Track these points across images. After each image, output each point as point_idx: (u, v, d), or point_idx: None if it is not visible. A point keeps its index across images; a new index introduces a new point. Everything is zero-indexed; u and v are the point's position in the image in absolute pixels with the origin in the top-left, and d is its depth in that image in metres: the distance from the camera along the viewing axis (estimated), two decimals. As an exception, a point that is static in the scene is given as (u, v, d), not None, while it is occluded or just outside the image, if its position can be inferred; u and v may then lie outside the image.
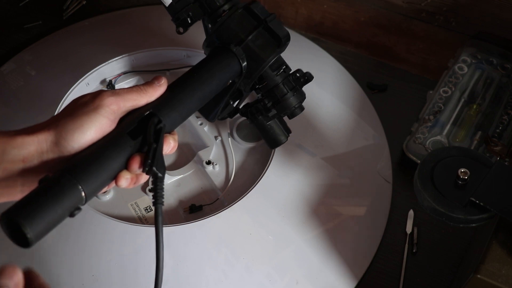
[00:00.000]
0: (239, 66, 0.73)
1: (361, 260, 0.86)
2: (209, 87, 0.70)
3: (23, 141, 0.58)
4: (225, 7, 0.75)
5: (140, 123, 0.62)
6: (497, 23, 0.99)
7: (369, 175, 0.93)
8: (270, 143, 0.80)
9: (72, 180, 0.56)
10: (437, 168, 0.70)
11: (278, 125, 0.79)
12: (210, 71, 0.71)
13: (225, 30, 0.74)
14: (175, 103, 0.66)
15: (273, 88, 0.76)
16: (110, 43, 1.03)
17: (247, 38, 0.73)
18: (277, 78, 0.76)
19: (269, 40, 0.74)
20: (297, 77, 0.77)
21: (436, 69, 1.07)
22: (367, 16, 1.07)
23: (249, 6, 0.75)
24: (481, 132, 0.94)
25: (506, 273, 0.66)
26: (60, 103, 0.93)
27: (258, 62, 0.74)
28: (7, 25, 1.13)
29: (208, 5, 0.76)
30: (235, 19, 0.74)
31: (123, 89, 0.64)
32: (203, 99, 0.70)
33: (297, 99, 0.77)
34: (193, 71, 0.71)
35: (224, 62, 0.73)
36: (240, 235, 0.83)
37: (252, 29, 0.74)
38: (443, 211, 0.67)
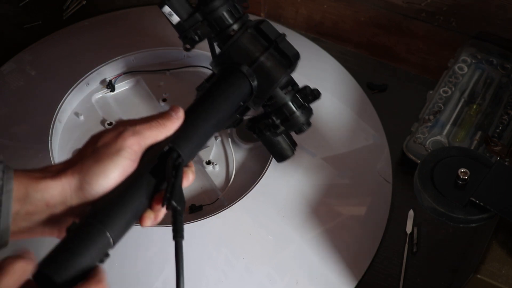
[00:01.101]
0: (250, 87, 0.73)
1: (361, 260, 0.86)
2: (223, 113, 0.70)
3: (47, 185, 0.58)
4: (234, 27, 0.74)
5: (160, 159, 0.62)
6: (497, 23, 0.99)
7: (369, 175, 0.93)
8: (277, 158, 0.80)
9: (101, 227, 0.56)
10: (437, 168, 0.70)
11: (285, 140, 0.79)
12: (222, 95, 0.70)
13: (236, 51, 0.73)
14: (191, 134, 0.65)
15: (281, 106, 0.75)
16: (110, 43, 1.04)
17: (258, 59, 0.72)
18: (286, 96, 0.75)
19: (279, 61, 0.74)
20: (305, 94, 0.76)
21: (436, 69, 1.07)
22: (367, 16, 1.07)
23: (259, 26, 0.74)
24: (481, 132, 0.94)
25: (506, 273, 0.66)
26: (60, 103, 0.93)
27: (269, 83, 0.74)
28: (7, 25, 1.13)
29: (217, 24, 0.74)
30: (245, 39, 0.73)
31: (143, 126, 0.62)
32: (218, 126, 0.70)
33: (305, 116, 0.77)
34: (206, 96, 0.70)
35: (236, 84, 0.72)
36: (240, 235, 0.83)
37: (263, 50, 0.73)
38: (443, 211, 0.67)
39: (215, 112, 0.68)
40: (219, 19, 0.74)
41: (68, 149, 0.92)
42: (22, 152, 0.90)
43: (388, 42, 1.09)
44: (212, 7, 0.74)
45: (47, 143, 0.89)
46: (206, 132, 0.67)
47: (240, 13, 0.76)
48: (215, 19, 0.74)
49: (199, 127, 0.66)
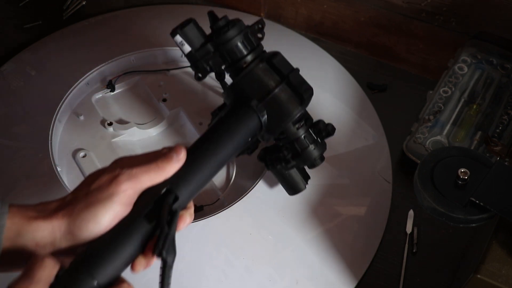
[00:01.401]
0: (259, 123, 0.71)
1: (361, 260, 0.86)
2: (228, 151, 0.67)
3: (38, 226, 0.57)
4: (247, 59, 0.73)
5: (156, 203, 0.60)
6: (497, 23, 0.99)
7: (369, 175, 0.93)
8: (288, 191, 0.79)
9: (89, 278, 0.55)
10: (437, 168, 0.70)
11: (297, 173, 0.78)
12: (229, 133, 0.68)
13: (247, 84, 0.72)
14: (192, 176, 0.63)
15: (293, 141, 0.74)
16: (110, 43, 1.04)
17: (269, 93, 0.71)
18: (299, 132, 0.74)
19: (291, 97, 0.72)
20: (319, 130, 0.75)
21: (436, 69, 1.07)
22: (367, 16, 1.07)
23: (272, 60, 0.72)
24: (481, 132, 0.94)
25: (506, 273, 0.66)
26: (60, 103, 0.93)
27: (280, 119, 0.72)
28: (7, 25, 1.13)
29: (230, 56, 0.73)
30: (257, 73, 0.72)
31: (140, 168, 0.61)
32: (223, 163, 0.68)
33: (319, 151, 0.75)
34: (211, 133, 0.68)
35: (244, 120, 0.70)
36: (240, 235, 0.83)
37: (275, 85, 0.71)
38: (443, 211, 0.67)
39: (219, 152, 0.66)
40: (231, 51, 0.73)
41: (68, 149, 0.92)
42: (22, 152, 0.90)
43: (388, 42, 1.09)
44: (225, 38, 0.72)
45: (47, 143, 0.89)
46: (208, 173, 0.65)
47: (254, 44, 0.74)
48: (228, 51, 0.73)
49: (201, 168, 0.64)
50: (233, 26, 0.73)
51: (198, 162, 0.64)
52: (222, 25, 0.74)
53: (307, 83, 0.75)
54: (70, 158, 0.91)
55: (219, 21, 0.74)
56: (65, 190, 0.84)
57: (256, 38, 0.75)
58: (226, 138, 0.67)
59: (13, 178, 0.87)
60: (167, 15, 1.12)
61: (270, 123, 0.72)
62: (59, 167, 0.88)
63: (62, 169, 0.89)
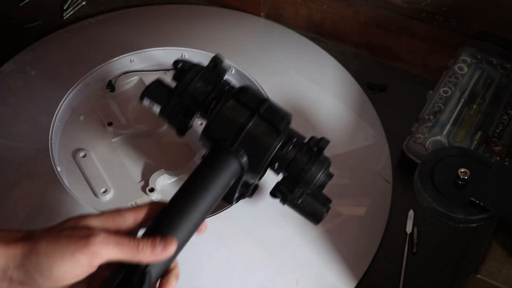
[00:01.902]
0: (239, 164, 0.67)
1: (361, 260, 0.86)
2: (207, 205, 0.64)
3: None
4: (211, 99, 0.70)
5: (126, 273, 0.57)
6: (497, 23, 0.99)
7: (369, 175, 0.93)
8: (311, 220, 0.74)
9: None
10: (437, 168, 0.70)
11: (311, 199, 0.73)
12: (205, 183, 0.65)
13: (218, 126, 0.68)
14: (173, 232, 0.60)
15: (288, 166, 0.70)
16: (110, 43, 1.04)
17: (242, 131, 0.67)
18: (289, 155, 0.70)
19: (266, 129, 0.68)
20: (309, 147, 0.71)
21: (436, 69, 1.07)
22: (367, 16, 1.07)
23: (239, 96, 0.69)
24: (481, 132, 0.94)
25: (506, 273, 0.66)
26: (60, 103, 0.93)
27: (260, 156, 0.68)
28: (7, 25, 1.13)
29: (194, 101, 0.71)
30: (226, 112, 0.68)
31: (118, 240, 0.57)
32: (203, 218, 0.65)
33: (319, 169, 0.70)
34: (188, 188, 0.65)
35: (221, 166, 0.66)
36: (240, 235, 0.83)
37: (246, 122, 0.68)
38: (443, 211, 0.67)
39: (198, 206, 0.63)
40: (193, 96, 0.71)
41: (68, 149, 0.92)
42: (22, 152, 0.90)
43: (388, 42, 1.09)
44: (182, 85, 0.71)
45: (47, 143, 0.89)
46: (187, 232, 0.62)
47: (214, 83, 0.72)
48: (191, 97, 0.71)
49: (179, 229, 0.61)
50: (189, 71, 0.72)
51: (175, 224, 0.61)
52: (177, 73, 0.73)
53: (282, 111, 0.70)
54: (70, 158, 0.91)
55: (176, 70, 0.73)
56: (65, 190, 0.84)
57: (217, 76, 0.73)
58: (203, 192, 0.64)
59: (13, 178, 0.87)
60: (167, 15, 1.12)
61: (251, 162, 0.68)
62: (59, 167, 0.88)
63: (62, 169, 0.89)
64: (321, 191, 0.74)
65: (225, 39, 1.05)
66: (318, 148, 0.71)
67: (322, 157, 0.72)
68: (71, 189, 0.86)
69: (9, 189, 0.86)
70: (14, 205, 0.85)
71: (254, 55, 1.03)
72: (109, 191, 0.88)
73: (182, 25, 1.08)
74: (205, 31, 1.07)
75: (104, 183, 0.88)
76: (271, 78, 0.99)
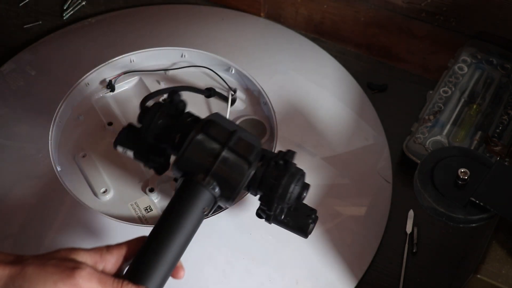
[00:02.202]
0: (211, 196, 0.68)
1: (361, 260, 0.86)
2: (183, 237, 0.66)
3: None
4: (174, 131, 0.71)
5: None
6: (497, 23, 0.99)
7: (369, 175, 0.93)
8: (299, 234, 0.74)
9: None
10: (437, 168, 0.70)
11: (294, 213, 0.73)
12: (180, 218, 0.66)
13: (188, 162, 0.68)
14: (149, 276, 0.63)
15: (260, 185, 0.70)
16: (110, 43, 1.04)
17: (213, 166, 0.67)
18: (258, 175, 0.70)
19: (237, 162, 0.68)
20: (276, 162, 0.70)
21: (436, 69, 1.06)
22: (367, 16, 1.07)
23: (208, 130, 0.69)
24: (481, 132, 0.94)
25: (506, 273, 0.66)
26: (60, 103, 0.93)
27: (232, 187, 0.68)
28: (7, 25, 1.13)
29: (160, 139, 0.72)
30: (195, 147, 0.68)
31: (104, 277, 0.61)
32: (183, 248, 0.67)
33: (290, 181, 0.69)
34: (163, 224, 0.67)
35: (194, 200, 0.67)
36: (240, 235, 0.83)
37: (216, 156, 0.68)
38: (443, 211, 0.67)
39: (173, 246, 0.65)
40: (159, 134, 0.72)
41: (68, 149, 0.92)
42: (22, 152, 0.90)
43: (388, 42, 1.09)
44: (145, 124, 0.72)
45: (47, 143, 0.89)
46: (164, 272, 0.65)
47: (178, 112, 0.73)
48: (156, 136, 0.72)
49: (155, 270, 0.64)
50: (149, 110, 0.73)
51: (151, 268, 0.64)
52: (140, 114, 0.74)
53: (252, 140, 0.70)
54: (70, 158, 0.91)
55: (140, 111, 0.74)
56: (65, 190, 0.84)
57: (176, 110, 0.74)
58: (178, 230, 0.66)
59: (13, 178, 0.87)
60: (167, 15, 1.12)
61: (224, 192, 0.69)
62: (59, 167, 0.88)
63: (62, 169, 0.89)
64: (303, 203, 0.73)
65: (225, 39, 1.05)
66: (284, 161, 0.70)
67: (293, 169, 0.70)
68: (71, 189, 0.86)
69: (9, 189, 0.86)
70: (14, 205, 0.85)
71: (254, 55, 1.03)
72: (109, 191, 0.88)
73: (182, 25, 1.08)
74: (205, 31, 1.07)
75: (104, 183, 0.88)
76: (271, 78, 0.99)
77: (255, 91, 0.99)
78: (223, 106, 0.97)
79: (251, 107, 0.99)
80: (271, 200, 0.70)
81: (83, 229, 0.82)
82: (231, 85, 0.99)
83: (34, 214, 0.84)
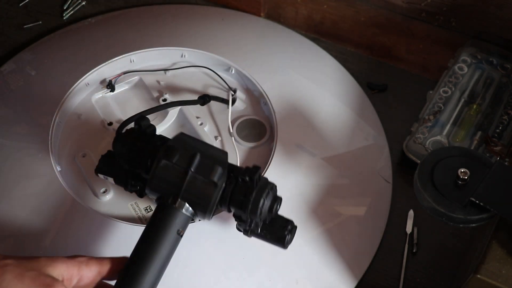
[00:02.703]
0: (186, 215, 0.71)
1: (361, 260, 0.86)
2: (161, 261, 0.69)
3: None
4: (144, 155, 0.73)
5: None
6: (497, 23, 0.99)
7: (369, 175, 0.93)
8: (278, 245, 0.76)
9: None
10: (437, 168, 0.70)
11: (269, 226, 0.75)
12: (156, 243, 0.69)
13: (156, 187, 0.71)
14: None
15: (230, 203, 0.72)
16: (110, 43, 1.04)
17: (180, 190, 0.70)
18: (226, 192, 0.72)
19: (203, 184, 0.70)
20: (242, 179, 0.72)
21: (436, 69, 1.07)
22: (367, 16, 1.07)
23: (168, 156, 0.70)
24: (481, 132, 0.94)
25: (506, 273, 0.66)
26: (60, 103, 0.93)
27: (204, 206, 0.71)
28: (7, 25, 1.13)
29: (133, 166, 0.74)
30: (159, 174, 0.70)
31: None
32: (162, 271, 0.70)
33: (259, 197, 0.71)
34: (140, 249, 0.70)
35: (169, 223, 0.70)
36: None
37: (181, 181, 0.70)
38: (443, 211, 0.67)
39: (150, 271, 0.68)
40: (129, 159, 0.74)
41: (68, 149, 0.92)
42: (22, 152, 0.90)
43: (388, 42, 1.09)
44: (117, 151, 0.74)
45: (47, 143, 0.89)
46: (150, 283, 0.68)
47: (147, 137, 0.75)
48: (127, 161, 0.74)
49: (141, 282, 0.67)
50: (119, 138, 0.76)
51: (135, 278, 0.67)
52: (113, 142, 0.76)
53: (215, 160, 0.71)
54: (70, 158, 0.91)
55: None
56: (65, 190, 0.84)
57: (144, 134, 0.76)
58: (154, 256, 0.69)
59: (13, 178, 0.87)
60: (167, 15, 1.12)
61: (198, 211, 0.72)
62: (59, 167, 0.88)
63: (62, 169, 0.89)
64: (278, 215, 0.75)
65: (225, 39, 1.05)
66: (249, 178, 0.71)
67: (262, 183, 0.72)
68: (71, 189, 0.86)
69: (9, 189, 0.86)
70: (14, 205, 0.85)
71: (254, 55, 1.03)
72: (109, 191, 0.88)
73: (182, 25, 1.08)
74: (205, 31, 1.07)
75: (104, 183, 0.88)
76: (271, 78, 0.99)
77: (255, 91, 0.99)
78: (223, 107, 0.97)
79: (251, 107, 0.99)
80: (243, 216, 0.73)
81: (83, 229, 0.82)
82: (231, 85, 0.99)
83: (34, 214, 0.83)
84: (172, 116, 0.96)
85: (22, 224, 0.83)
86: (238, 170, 0.74)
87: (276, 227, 0.75)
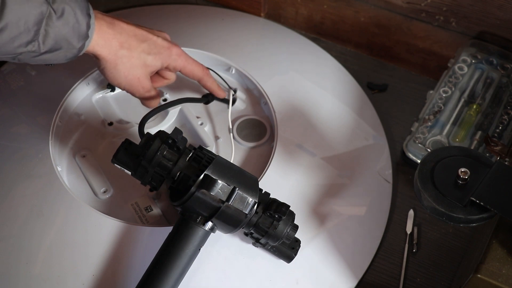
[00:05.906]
0: (209, 232, 0.76)
1: (361, 260, 0.86)
2: (178, 270, 0.74)
3: None
4: (176, 169, 0.75)
5: None
6: (497, 23, 0.99)
7: (369, 175, 0.93)
8: (285, 260, 0.81)
9: None
10: (437, 168, 0.70)
11: (281, 246, 0.79)
12: (179, 256, 0.74)
13: (191, 209, 0.75)
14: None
15: (253, 227, 0.77)
16: (110, 43, 1.03)
17: (212, 217, 0.74)
18: (253, 220, 0.76)
19: (235, 213, 0.74)
20: (270, 214, 0.76)
21: (436, 69, 1.07)
22: (367, 16, 1.07)
23: (207, 187, 0.73)
24: (481, 132, 0.94)
25: (506, 272, 0.66)
26: (60, 103, 0.93)
27: (228, 230, 0.77)
28: (7, 25, 1.12)
29: (162, 169, 0.76)
30: (195, 201, 0.74)
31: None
32: (178, 282, 0.75)
33: (282, 229, 0.76)
34: (162, 260, 0.74)
35: (192, 239, 0.75)
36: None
37: (216, 210, 0.74)
38: (443, 211, 0.67)
39: (168, 279, 0.73)
40: (161, 165, 0.76)
41: (68, 149, 0.92)
42: (22, 152, 0.90)
43: (388, 42, 1.09)
44: (148, 156, 0.75)
45: (47, 143, 0.89)
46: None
47: (180, 151, 0.76)
48: (158, 165, 0.76)
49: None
50: (155, 139, 0.76)
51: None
52: (141, 144, 0.77)
53: (250, 193, 0.75)
54: (70, 158, 0.91)
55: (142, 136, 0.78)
56: (65, 190, 0.84)
57: (177, 148, 0.77)
58: (174, 265, 0.74)
59: (13, 178, 0.87)
60: (167, 15, 1.12)
61: (222, 231, 0.78)
62: (59, 167, 0.88)
63: (62, 169, 0.89)
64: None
65: (225, 39, 1.05)
66: (279, 215, 0.76)
67: (286, 217, 0.77)
68: (71, 189, 0.86)
69: (9, 189, 0.86)
70: (14, 205, 0.85)
71: (254, 55, 1.03)
72: (109, 191, 0.88)
73: (182, 25, 1.08)
74: (205, 31, 1.07)
75: (104, 183, 0.88)
76: (271, 78, 0.99)
77: (255, 91, 0.99)
78: (223, 107, 0.97)
79: (251, 107, 0.99)
80: (262, 240, 0.78)
81: (83, 229, 0.82)
82: (231, 85, 0.99)
83: (34, 214, 0.83)
84: (173, 116, 0.96)
85: (22, 224, 0.83)
86: (266, 199, 0.77)
87: (285, 247, 0.80)
